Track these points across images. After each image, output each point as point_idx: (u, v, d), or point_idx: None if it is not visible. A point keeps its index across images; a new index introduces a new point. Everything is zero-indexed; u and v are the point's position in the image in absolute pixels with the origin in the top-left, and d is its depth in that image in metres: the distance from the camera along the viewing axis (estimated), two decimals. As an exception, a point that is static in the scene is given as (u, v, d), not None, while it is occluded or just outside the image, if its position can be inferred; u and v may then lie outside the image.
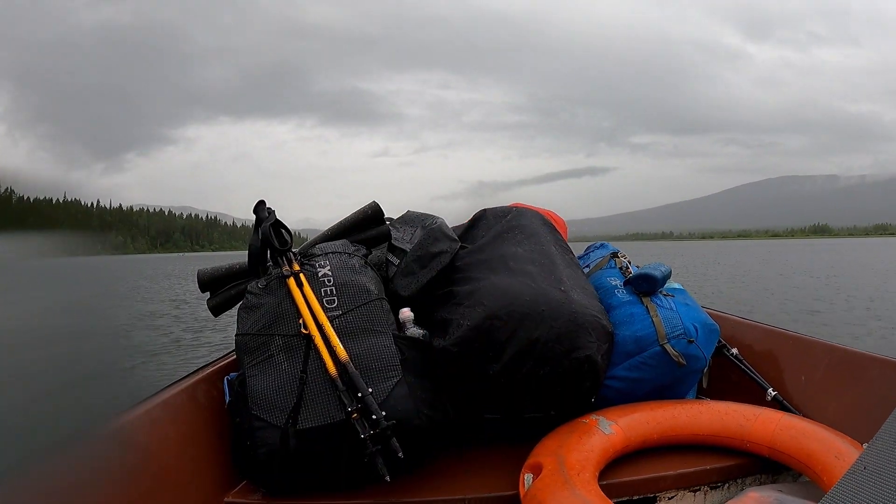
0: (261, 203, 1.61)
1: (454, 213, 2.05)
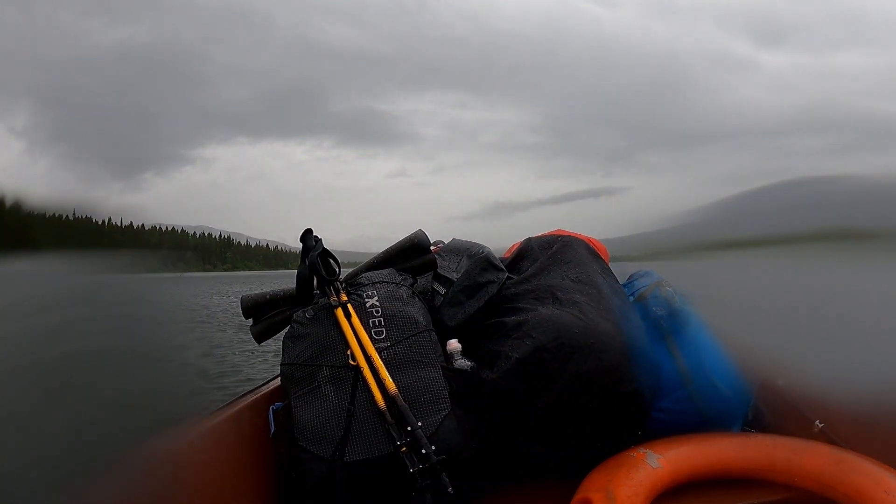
0: (308, 231, 1.64)
1: (470, 234, 1.94)
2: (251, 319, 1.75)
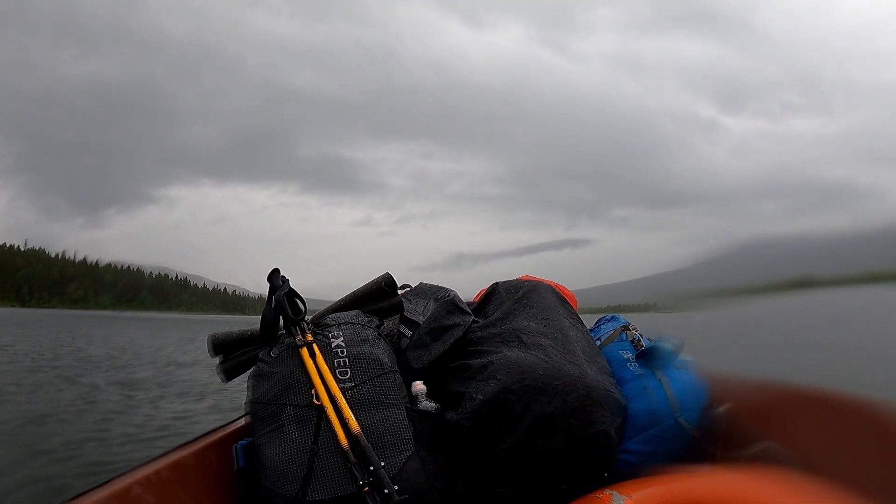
0: (275, 271, 1.68)
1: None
2: (219, 358, 1.75)
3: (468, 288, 2.21)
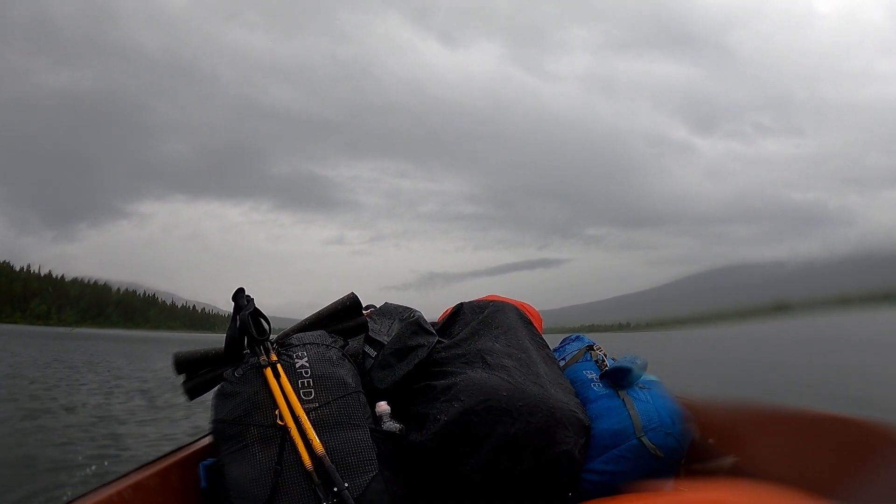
0: (240, 291, 1.68)
1: (403, 304, 2.13)
2: (183, 376, 1.75)
3: (441, 307, 2.23)
